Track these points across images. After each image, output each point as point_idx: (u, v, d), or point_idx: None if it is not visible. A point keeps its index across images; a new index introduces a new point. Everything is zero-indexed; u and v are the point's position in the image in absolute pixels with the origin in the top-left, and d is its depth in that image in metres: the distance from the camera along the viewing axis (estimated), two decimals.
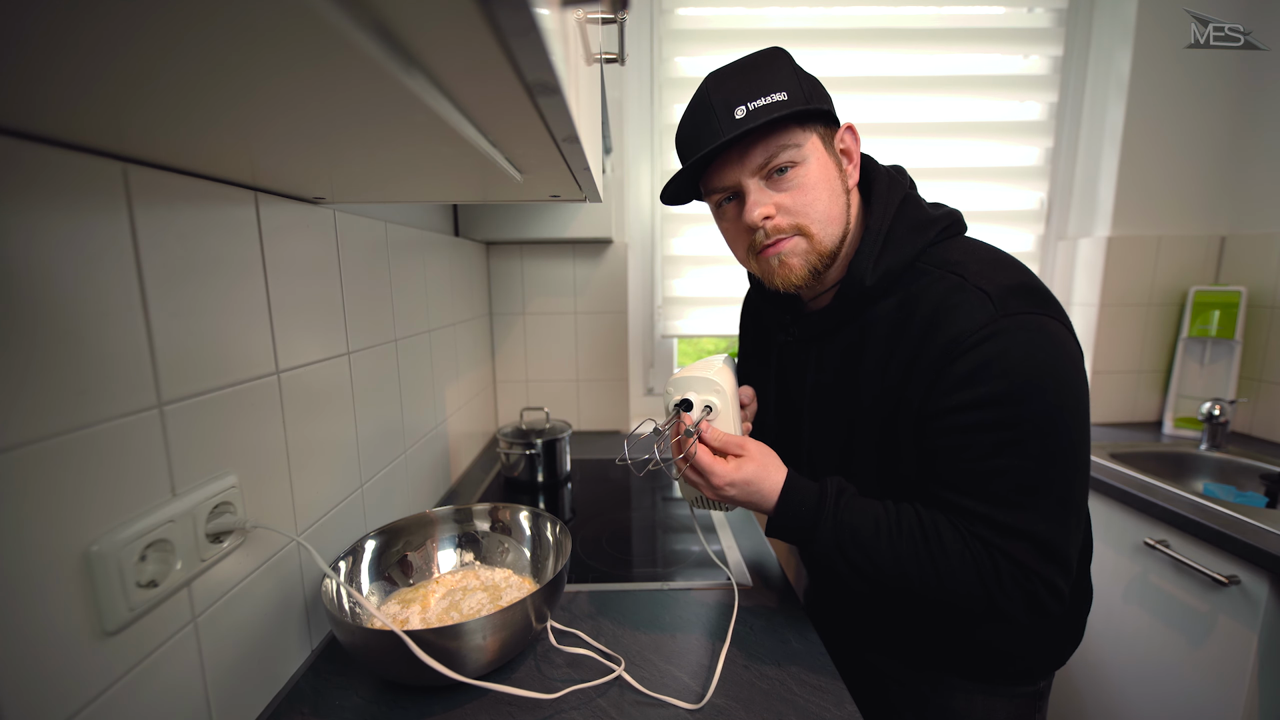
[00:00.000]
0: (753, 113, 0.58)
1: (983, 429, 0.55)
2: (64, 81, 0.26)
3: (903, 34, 1.53)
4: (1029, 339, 0.54)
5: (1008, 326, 0.54)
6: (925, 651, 0.72)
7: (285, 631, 0.63)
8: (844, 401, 0.68)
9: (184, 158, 0.44)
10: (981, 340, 0.55)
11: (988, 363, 0.54)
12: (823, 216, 0.62)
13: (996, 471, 0.56)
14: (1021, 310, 0.55)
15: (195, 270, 0.50)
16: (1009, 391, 0.54)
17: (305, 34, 0.21)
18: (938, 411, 0.58)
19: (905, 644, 0.74)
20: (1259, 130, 1.47)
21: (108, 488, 0.41)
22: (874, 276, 0.63)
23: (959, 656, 0.70)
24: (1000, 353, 0.54)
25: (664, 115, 1.57)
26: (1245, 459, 1.30)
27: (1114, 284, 1.54)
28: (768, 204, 0.62)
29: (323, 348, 0.70)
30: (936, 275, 0.61)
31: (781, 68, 0.61)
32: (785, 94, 0.59)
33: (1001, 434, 0.55)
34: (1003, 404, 0.54)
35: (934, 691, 0.73)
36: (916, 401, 0.59)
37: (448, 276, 1.20)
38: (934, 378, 0.57)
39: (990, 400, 0.55)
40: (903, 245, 0.63)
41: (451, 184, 0.59)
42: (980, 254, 0.62)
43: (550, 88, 0.28)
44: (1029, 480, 0.55)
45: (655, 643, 0.69)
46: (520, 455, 1.21)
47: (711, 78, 0.63)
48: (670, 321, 1.70)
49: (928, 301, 0.60)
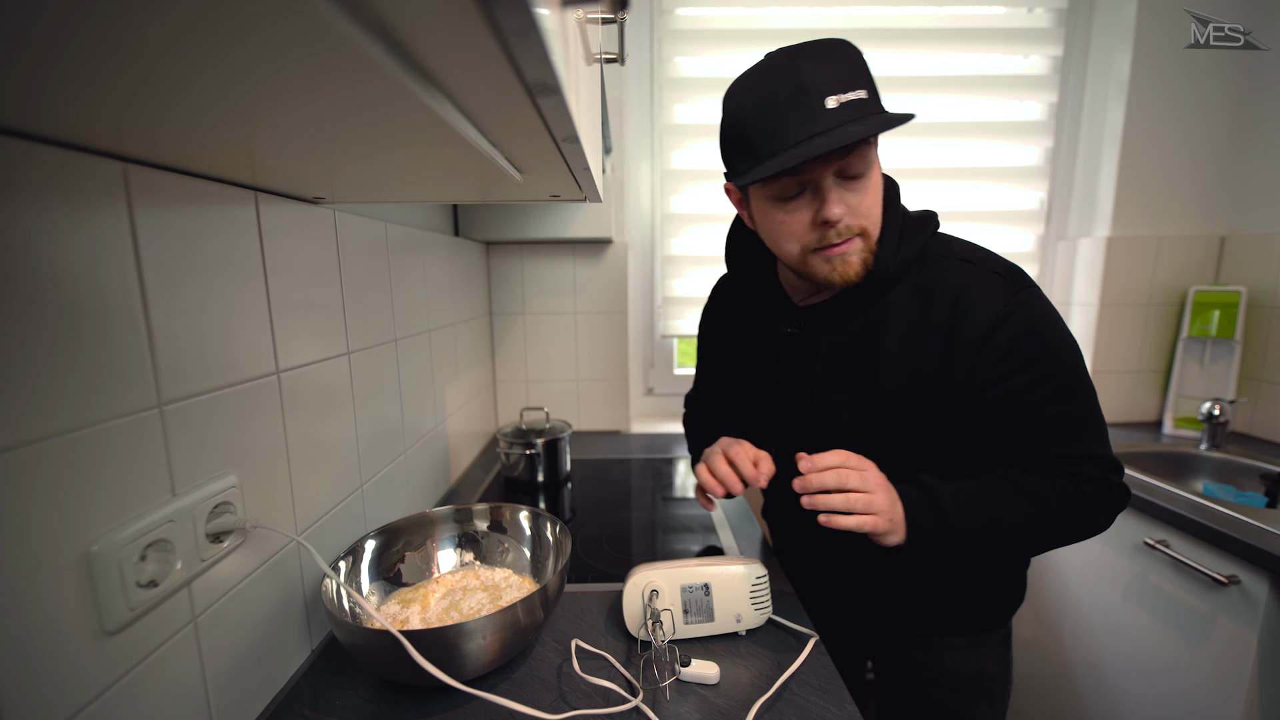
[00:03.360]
0: (844, 107, 0.58)
1: (1032, 386, 0.64)
2: (64, 81, 0.26)
3: (903, 34, 1.53)
4: (1040, 306, 0.65)
5: (1025, 300, 0.64)
6: (917, 617, 0.78)
7: (285, 631, 0.63)
8: (861, 385, 0.70)
9: (184, 158, 0.44)
10: (1011, 313, 0.63)
11: (1023, 331, 0.63)
12: (878, 219, 0.66)
13: (1052, 418, 0.65)
14: (1025, 285, 0.65)
15: (195, 270, 0.50)
16: (1043, 350, 0.64)
17: (304, 34, 0.21)
18: (988, 382, 0.64)
19: (900, 615, 0.79)
20: (1259, 130, 1.47)
21: (108, 487, 0.41)
22: (896, 264, 0.67)
23: (947, 614, 0.77)
24: (1029, 321, 0.64)
25: (664, 115, 1.57)
26: (1245, 459, 1.30)
27: (1114, 284, 1.54)
28: (844, 204, 0.62)
29: (323, 348, 0.70)
30: (945, 263, 0.67)
31: (859, 59, 0.61)
32: (865, 91, 0.59)
33: (1045, 387, 0.64)
34: (1041, 361, 0.64)
35: (929, 653, 0.79)
36: (963, 377, 0.65)
37: (448, 276, 1.20)
38: (978, 354, 0.64)
39: (1032, 361, 0.63)
40: (914, 237, 0.69)
41: (451, 184, 0.59)
42: (967, 244, 0.71)
43: (550, 88, 0.28)
44: (1076, 415, 0.65)
45: None
46: (520, 455, 1.21)
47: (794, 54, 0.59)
48: (670, 321, 1.70)
49: (946, 287, 0.66)
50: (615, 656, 0.65)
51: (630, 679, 0.62)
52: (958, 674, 0.78)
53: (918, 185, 1.57)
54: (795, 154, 0.58)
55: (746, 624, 0.69)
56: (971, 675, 0.78)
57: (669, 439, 1.57)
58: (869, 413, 0.70)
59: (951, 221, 1.58)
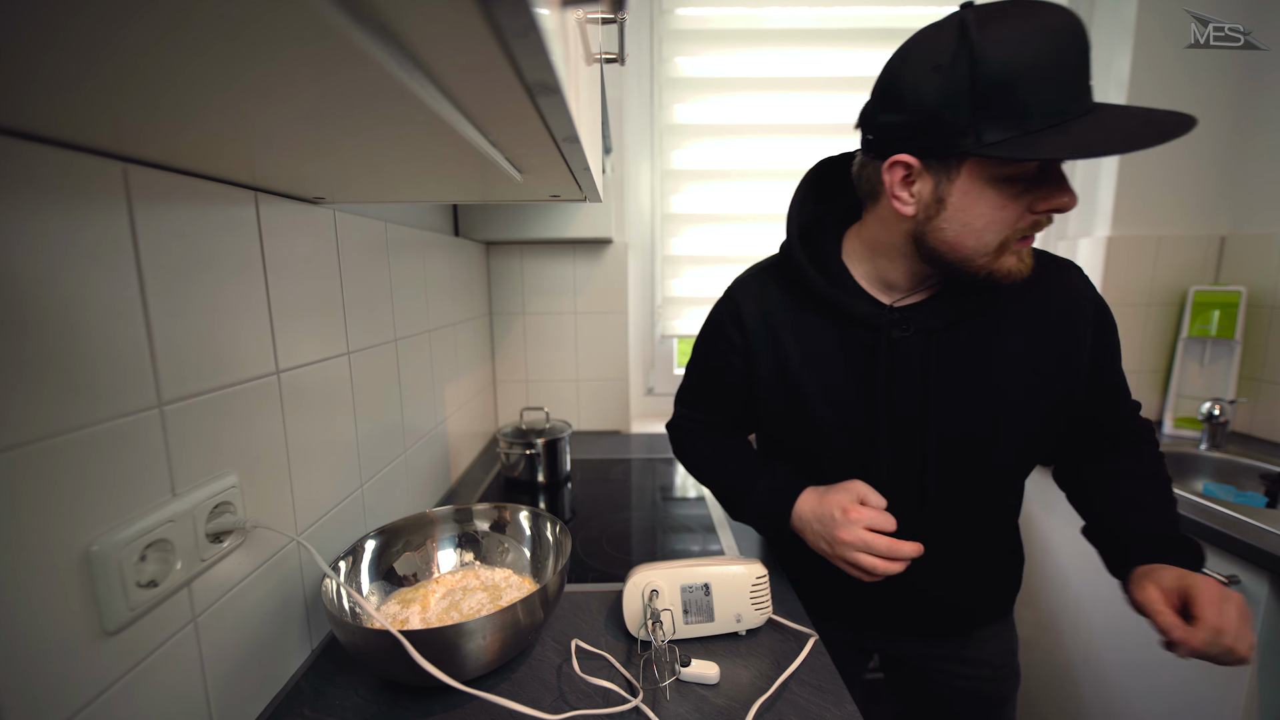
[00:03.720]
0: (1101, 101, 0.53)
1: (1116, 355, 0.73)
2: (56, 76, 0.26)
3: (903, 34, 1.51)
4: None
5: (1089, 280, 0.71)
6: (958, 615, 0.78)
7: (285, 631, 0.63)
8: (980, 389, 0.67)
9: (184, 157, 0.44)
10: (1094, 295, 0.70)
11: (1103, 308, 0.70)
12: None
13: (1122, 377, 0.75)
14: None
15: (195, 270, 0.50)
16: (1113, 321, 0.71)
17: (304, 33, 0.21)
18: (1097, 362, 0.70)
19: (941, 617, 0.78)
20: (1259, 130, 1.47)
21: (108, 488, 0.41)
22: None
23: (986, 604, 0.78)
24: (1100, 298, 0.71)
25: (664, 115, 1.57)
26: (1245, 459, 1.30)
27: (1114, 284, 1.54)
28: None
29: (323, 347, 0.70)
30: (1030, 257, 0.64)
31: None
32: None
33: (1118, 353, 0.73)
34: (1114, 331, 0.72)
35: (969, 648, 0.79)
36: (1083, 365, 0.69)
37: (448, 276, 1.20)
38: (1094, 339, 0.69)
39: (1112, 332, 0.71)
40: None
41: (451, 184, 0.59)
42: None
43: (550, 88, 0.28)
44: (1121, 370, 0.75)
45: None
46: (520, 455, 1.21)
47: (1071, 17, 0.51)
48: (670, 321, 1.70)
49: (1045, 280, 0.68)
50: (615, 656, 0.65)
51: (630, 679, 0.62)
52: (996, 661, 0.80)
53: None
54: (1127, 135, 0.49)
55: (746, 624, 0.69)
56: (1009, 657, 0.81)
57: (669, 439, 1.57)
58: (990, 417, 0.67)
59: None
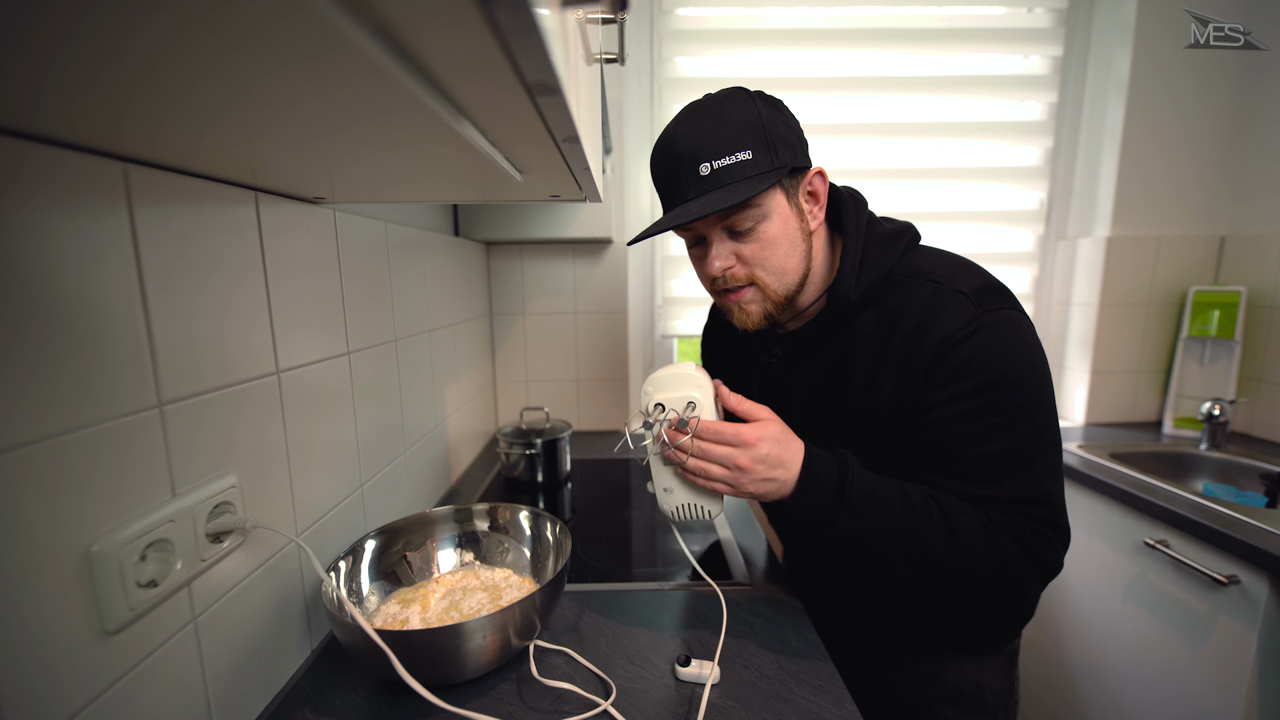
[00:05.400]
0: (716, 173, 0.60)
1: (976, 415, 0.60)
2: (63, 80, 0.26)
3: (903, 34, 1.52)
4: (1007, 332, 0.60)
5: (989, 322, 0.60)
6: (917, 635, 0.75)
7: (285, 631, 0.63)
8: (834, 415, 0.70)
9: (184, 158, 0.44)
10: (968, 335, 0.59)
11: (976, 355, 0.59)
12: (778, 269, 0.65)
13: (991, 455, 0.60)
14: (997, 306, 0.61)
15: (195, 270, 0.50)
16: (997, 380, 0.59)
17: (304, 34, 0.21)
18: (933, 404, 0.61)
19: (897, 631, 0.76)
20: (1259, 130, 1.47)
21: (108, 488, 0.41)
22: (857, 293, 0.66)
23: (949, 635, 0.74)
24: (985, 345, 0.59)
25: (664, 115, 1.57)
26: (1245, 459, 1.30)
27: (1114, 284, 1.54)
28: (728, 255, 0.65)
29: (323, 348, 0.70)
30: (913, 284, 0.65)
31: (747, 117, 0.61)
32: (750, 152, 0.60)
33: (993, 419, 0.60)
34: (992, 391, 0.59)
35: (925, 665, 0.76)
36: (911, 401, 0.62)
37: (448, 276, 1.20)
38: (927, 374, 0.61)
39: (982, 388, 0.59)
40: (878, 260, 0.67)
41: (451, 184, 0.59)
42: (945, 260, 0.67)
43: (550, 88, 0.28)
44: (1021, 455, 0.60)
45: (654, 642, 0.69)
46: (520, 455, 1.21)
47: (680, 119, 0.64)
48: (670, 321, 1.70)
49: (911, 308, 0.63)
50: None
51: (601, 674, 0.62)
52: (956, 687, 0.76)
53: (918, 185, 1.57)
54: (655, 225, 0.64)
55: None
56: (971, 689, 0.75)
57: None
58: (848, 444, 0.67)
59: (951, 222, 1.60)
